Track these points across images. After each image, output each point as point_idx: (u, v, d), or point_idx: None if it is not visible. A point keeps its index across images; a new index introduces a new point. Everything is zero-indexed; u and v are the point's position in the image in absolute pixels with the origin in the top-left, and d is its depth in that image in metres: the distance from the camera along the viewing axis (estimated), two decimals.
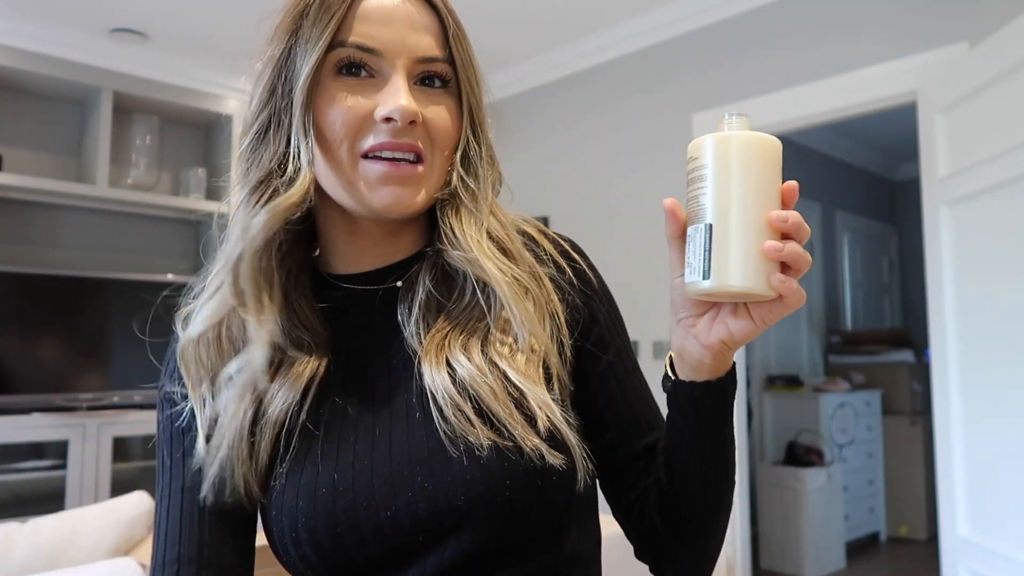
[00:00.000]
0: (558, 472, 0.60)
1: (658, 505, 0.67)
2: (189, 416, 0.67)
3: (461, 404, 0.60)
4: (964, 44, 2.47)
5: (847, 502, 4.19)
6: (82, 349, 3.41)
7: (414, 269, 0.68)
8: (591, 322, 0.70)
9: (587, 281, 0.72)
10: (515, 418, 0.60)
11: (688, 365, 0.61)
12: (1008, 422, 1.98)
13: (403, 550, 0.60)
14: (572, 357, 0.68)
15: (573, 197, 3.69)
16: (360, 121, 0.61)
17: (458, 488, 0.58)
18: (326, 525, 0.60)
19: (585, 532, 0.67)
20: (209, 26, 3.35)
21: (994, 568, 2.01)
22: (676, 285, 0.59)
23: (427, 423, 0.62)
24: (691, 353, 0.60)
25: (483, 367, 0.62)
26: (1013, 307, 1.96)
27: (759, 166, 0.54)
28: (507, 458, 0.59)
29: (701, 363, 0.60)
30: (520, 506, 0.59)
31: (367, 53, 0.62)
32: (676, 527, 0.67)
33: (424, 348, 0.64)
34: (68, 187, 3.35)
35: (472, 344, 0.63)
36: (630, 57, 3.51)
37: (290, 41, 0.63)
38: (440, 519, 0.59)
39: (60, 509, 3.15)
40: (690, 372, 0.62)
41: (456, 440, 0.60)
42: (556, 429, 0.61)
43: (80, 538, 1.57)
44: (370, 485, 0.60)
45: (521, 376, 0.62)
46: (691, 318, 0.59)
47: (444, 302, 0.66)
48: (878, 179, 5.65)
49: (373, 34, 0.61)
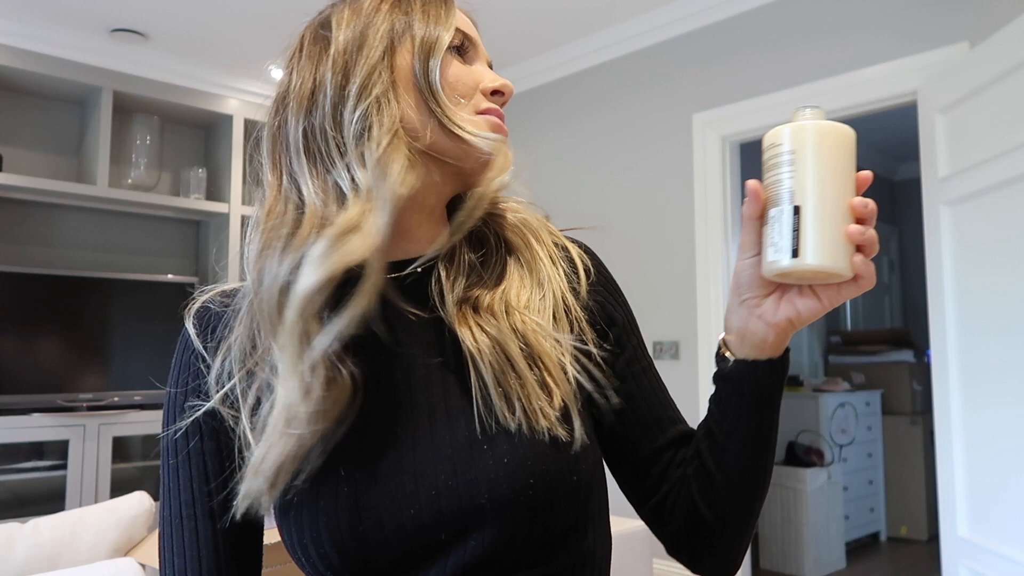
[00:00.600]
0: (579, 472, 0.62)
1: (703, 493, 0.67)
2: (223, 421, 0.65)
3: (504, 370, 0.62)
4: (964, 44, 2.47)
5: (847, 502, 4.19)
6: (82, 349, 3.41)
7: (446, 250, 0.70)
8: (609, 323, 0.72)
9: (602, 282, 0.74)
10: (536, 387, 0.62)
11: (750, 344, 0.64)
12: (1008, 422, 1.98)
13: (425, 548, 0.60)
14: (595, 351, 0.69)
15: (573, 197, 3.69)
16: (473, 91, 0.69)
17: (481, 487, 0.59)
18: (349, 523, 0.59)
19: (600, 532, 0.68)
20: (209, 26, 3.35)
21: (994, 568, 2.01)
22: (746, 265, 0.62)
23: (453, 416, 0.62)
24: (754, 332, 0.63)
25: (507, 327, 0.65)
26: (1013, 307, 1.96)
27: (840, 153, 0.58)
28: (531, 456, 0.60)
29: (764, 342, 0.63)
30: (542, 506, 0.60)
31: (470, 41, 0.71)
32: (724, 512, 0.67)
33: (461, 320, 0.65)
34: (68, 187, 3.36)
35: (496, 305, 0.67)
36: (630, 57, 3.51)
37: (394, 21, 0.67)
38: (463, 518, 0.59)
39: (60, 509, 3.15)
40: (750, 351, 0.64)
41: (484, 431, 0.61)
42: (565, 401, 0.63)
43: (80, 538, 1.57)
44: (393, 482, 0.60)
45: (538, 324, 0.65)
46: (757, 298, 0.62)
47: (474, 270, 0.69)
48: (878, 179, 5.65)
49: (469, 28, 0.72)
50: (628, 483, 0.73)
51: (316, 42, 0.68)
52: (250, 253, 0.65)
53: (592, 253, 0.76)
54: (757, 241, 0.61)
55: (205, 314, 0.70)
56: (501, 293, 0.68)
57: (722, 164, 3.16)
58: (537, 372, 0.63)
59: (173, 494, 0.67)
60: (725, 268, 3.13)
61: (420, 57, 0.66)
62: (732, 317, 0.64)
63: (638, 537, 2.25)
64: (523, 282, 0.70)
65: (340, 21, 0.68)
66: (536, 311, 0.67)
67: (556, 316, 0.68)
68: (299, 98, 0.66)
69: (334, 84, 0.65)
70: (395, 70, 0.66)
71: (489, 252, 0.71)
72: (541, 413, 0.61)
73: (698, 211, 3.20)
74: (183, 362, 0.69)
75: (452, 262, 0.69)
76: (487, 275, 0.69)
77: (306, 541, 0.61)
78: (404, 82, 0.66)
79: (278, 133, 0.67)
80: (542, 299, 0.69)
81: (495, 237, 0.72)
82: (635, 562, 2.24)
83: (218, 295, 0.71)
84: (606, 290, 0.74)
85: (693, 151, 3.24)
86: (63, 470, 3.20)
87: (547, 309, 0.68)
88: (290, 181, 0.65)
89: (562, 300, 0.69)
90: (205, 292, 0.71)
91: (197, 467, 0.66)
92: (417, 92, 0.66)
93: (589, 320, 0.70)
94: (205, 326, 0.69)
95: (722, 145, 3.16)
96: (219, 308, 0.69)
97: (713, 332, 3.13)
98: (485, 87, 0.70)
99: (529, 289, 0.69)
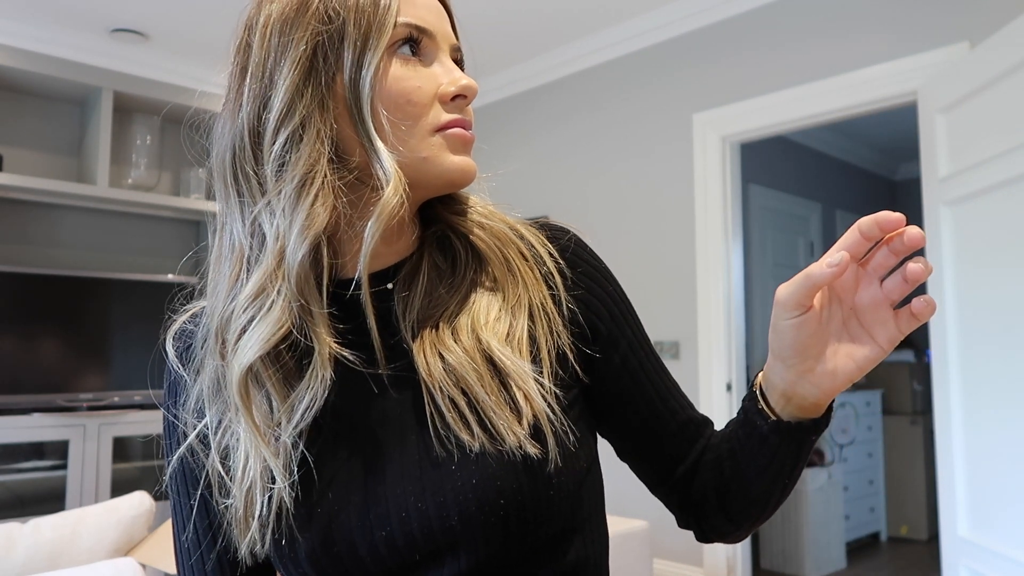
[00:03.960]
0: (557, 486, 0.59)
1: (717, 492, 0.66)
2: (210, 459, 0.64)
3: (456, 397, 0.59)
4: (964, 44, 2.47)
5: (847, 502, 4.19)
6: (82, 349, 3.41)
7: (410, 263, 0.66)
8: (594, 322, 0.67)
9: (585, 276, 0.68)
10: (501, 407, 0.59)
11: (796, 406, 0.58)
12: (1008, 422, 1.98)
13: (401, 569, 0.59)
14: (576, 353, 0.66)
15: (573, 197, 3.68)
16: (430, 99, 0.61)
17: (451, 508, 0.58)
18: (323, 545, 0.59)
19: (591, 538, 0.66)
20: (209, 26, 3.35)
21: (994, 568, 2.01)
22: (789, 326, 0.54)
23: (422, 436, 0.60)
24: (804, 396, 0.57)
25: (471, 348, 0.61)
26: (1013, 307, 1.96)
27: None
28: (500, 476, 0.58)
29: (814, 405, 0.58)
30: (516, 523, 0.58)
31: (422, 33, 0.62)
32: (735, 516, 0.66)
33: (418, 342, 0.62)
34: (68, 187, 3.35)
35: (460, 324, 0.63)
36: (630, 57, 3.51)
37: (319, 31, 0.59)
38: (435, 539, 0.58)
39: (60, 509, 3.15)
40: (795, 412, 0.59)
41: (451, 452, 0.59)
42: (537, 416, 0.59)
43: (80, 538, 1.57)
44: (364, 504, 0.59)
45: (503, 347, 0.61)
46: (808, 362, 0.55)
47: (437, 288, 0.65)
48: (878, 179, 5.65)
49: (423, 16, 0.62)
50: (640, 466, 0.71)
51: (240, 52, 0.62)
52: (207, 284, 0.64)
53: (574, 242, 0.69)
54: (809, 300, 0.53)
55: (182, 335, 0.68)
56: (467, 310, 0.64)
57: (722, 164, 3.16)
58: (504, 392, 0.60)
59: (178, 523, 0.67)
60: (725, 268, 3.13)
61: (350, 70, 0.59)
62: (775, 378, 0.58)
63: (638, 537, 2.25)
64: (493, 296, 0.65)
65: (262, 24, 0.60)
66: (506, 326, 0.63)
67: (533, 322, 0.64)
68: (225, 121, 0.61)
69: (252, 111, 0.59)
70: (326, 86, 0.59)
71: (458, 264, 0.66)
72: (509, 432, 0.58)
73: (698, 211, 3.20)
74: (168, 387, 0.68)
75: (412, 281, 0.65)
76: (452, 291, 0.65)
77: (286, 560, 0.61)
78: (338, 99, 0.59)
79: (216, 155, 0.62)
80: (513, 312, 0.64)
81: (464, 247, 0.67)
82: (635, 562, 2.24)
83: (195, 315, 0.69)
84: (591, 282, 0.68)
85: (693, 151, 3.24)
86: (63, 470, 3.20)
87: (520, 322, 0.63)
88: (226, 212, 0.62)
89: (540, 308, 0.65)
90: (185, 311, 0.70)
91: (194, 497, 0.66)
92: (348, 114, 0.59)
93: (572, 322, 0.66)
94: (183, 348, 0.67)
95: (722, 145, 3.16)
96: (195, 328, 0.67)
97: (713, 332, 3.13)
98: (443, 93, 0.62)
99: (499, 303, 0.64)
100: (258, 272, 0.59)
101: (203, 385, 0.63)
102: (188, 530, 0.66)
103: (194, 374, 0.65)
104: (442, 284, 0.65)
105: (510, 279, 0.66)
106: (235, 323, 0.59)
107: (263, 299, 0.58)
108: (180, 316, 0.69)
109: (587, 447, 0.65)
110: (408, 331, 0.63)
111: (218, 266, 0.63)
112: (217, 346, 0.61)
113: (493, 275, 0.66)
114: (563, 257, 0.68)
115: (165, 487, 0.68)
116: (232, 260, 0.61)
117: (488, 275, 0.66)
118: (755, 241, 4.38)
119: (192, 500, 0.66)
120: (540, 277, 0.66)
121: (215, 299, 0.62)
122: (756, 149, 3.95)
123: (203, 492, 0.65)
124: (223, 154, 0.61)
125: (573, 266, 0.68)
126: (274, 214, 0.58)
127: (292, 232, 0.57)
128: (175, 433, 0.66)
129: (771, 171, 4.51)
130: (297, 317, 0.58)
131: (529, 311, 0.64)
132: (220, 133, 0.62)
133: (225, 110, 0.62)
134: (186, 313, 0.69)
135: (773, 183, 4.55)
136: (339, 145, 0.60)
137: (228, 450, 0.62)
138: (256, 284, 0.58)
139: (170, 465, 0.67)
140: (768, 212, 4.51)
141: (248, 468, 0.60)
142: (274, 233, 0.58)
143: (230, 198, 0.61)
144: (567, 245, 0.69)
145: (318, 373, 0.59)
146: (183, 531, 0.66)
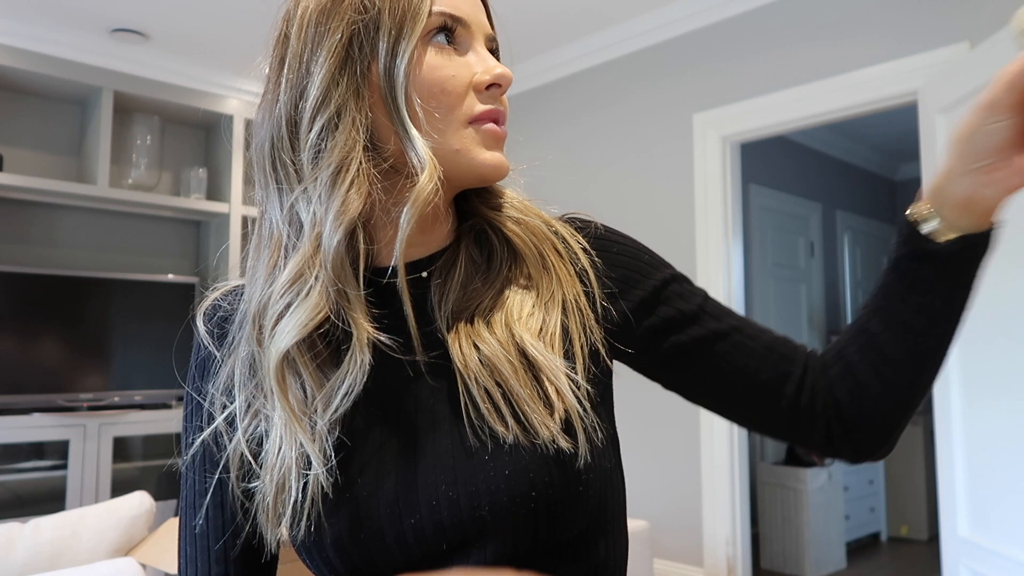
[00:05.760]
0: (587, 483, 0.59)
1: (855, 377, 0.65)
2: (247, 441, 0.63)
3: (491, 388, 0.60)
4: (964, 44, 2.47)
5: (847, 502, 4.19)
6: (82, 349, 3.41)
7: (446, 255, 0.67)
8: (654, 303, 0.67)
9: (620, 266, 0.68)
10: (535, 400, 0.59)
11: (975, 213, 0.58)
12: (1009, 422, 1.98)
13: (427, 558, 0.59)
14: (625, 332, 0.66)
15: (573, 197, 3.68)
16: (464, 88, 0.62)
17: (482, 498, 0.58)
18: (351, 531, 0.59)
19: (613, 540, 0.65)
20: (209, 26, 3.35)
21: (995, 568, 2.01)
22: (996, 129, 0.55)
23: (455, 425, 0.60)
24: (985, 199, 0.57)
25: (505, 340, 0.62)
26: (1013, 307, 1.96)
27: None
28: (533, 468, 0.58)
29: (989, 210, 0.58)
30: (545, 517, 0.58)
31: (457, 22, 0.62)
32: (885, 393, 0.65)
33: (453, 333, 0.63)
34: (68, 187, 3.35)
35: (495, 318, 0.63)
36: (630, 57, 3.51)
37: (354, 20, 0.59)
38: (464, 529, 0.58)
39: (60, 509, 3.15)
40: (971, 222, 0.59)
41: (485, 442, 0.59)
42: (569, 411, 0.60)
43: (80, 538, 1.57)
44: (394, 492, 0.59)
45: (535, 342, 0.62)
46: (998, 163, 0.56)
47: (473, 281, 0.66)
48: (878, 179, 5.65)
49: (458, 5, 0.62)
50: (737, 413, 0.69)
51: (278, 44, 0.63)
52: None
53: (602, 228, 0.70)
54: (1014, 106, 0.53)
55: (214, 313, 0.68)
56: (501, 305, 0.64)
57: (722, 164, 3.16)
58: (536, 386, 0.60)
59: (189, 508, 0.67)
60: (725, 268, 3.13)
61: (385, 58, 0.59)
62: (955, 188, 0.58)
63: (638, 537, 2.25)
64: (527, 292, 0.65)
65: (300, 15, 0.61)
66: (539, 322, 0.63)
67: (567, 317, 0.64)
68: (264, 112, 0.63)
69: (290, 100, 0.60)
70: (361, 75, 0.60)
71: (494, 258, 0.67)
72: (542, 426, 0.58)
73: (698, 211, 3.20)
74: (197, 364, 0.68)
75: (448, 272, 0.65)
76: (487, 285, 0.65)
77: (309, 544, 0.61)
78: (373, 88, 0.60)
79: (256, 145, 0.64)
80: (547, 308, 0.64)
81: (500, 242, 0.68)
82: (635, 562, 2.24)
83: (227, 292, 0.69)
84: (627, 271, 0.68)
85: (693, 151, 3.24)
86: (63, 470, 3.20)
87: (553, 318, 0.64)
88: (265, 200, 0.64)
89: (574, 303, 0.65)
90: (217, 289, 0.70)
91: (211, 481, 0.66)
92: (383, 103, 0.60)
93: (609, 298, 0.66)
94: (216, 325, 0.67)
95: (722, 145, 3.16)
96: (228, 306, 0.68)
97: None
98: (478, 82, 0.63)
99: (532, 300, 0.65)
100: (295, 258, 0.59)
101: (235, 368, 0.63)
102: (200, 514, 0.66)
103: (227, 352, 0.65)
104: (478, 277, 0.66)
105: (544, 275, 0.66)
106: (272, 309, 0.60)
107: (300, 284, 0.59)
108: (212, 293, 0.70)
109: (613, 447, 0.65)
110: (443, 321, 0.63)
111: (257, 254, 0.64)
112: (254, 332, 0.62)
113: (528, 271, 0.66)
114: (595, 246, 0.68)
115: (181, 468, 0.68)
116: (270, 247, 0.62)
117: (523, 271, 0.67)
118: (755, 241, 4.38)
119: (208, 484, 0.65)
120: (575, 273, 0.67)
121: (253, 286, 0.63)
122: (756, 149, 3.95)
123: (221, 476, 0.65)
124: (262, 144, 0.63)
125: (606, 249, 0.69)
126: (310, 201, 0.59)
127: (328, 218, 0.58)
128: (200, 413, 0.66)
129: (771, 171, 4.51)
130: (334, 302, 0.59)
131: (563, 307, 0.65)
132: (259, 123, 0.64)
133: (264, 101, 0.64)
134: (217, 291, 0.70)
135: (773, 183, 4.55)
136: (374, 133, 0.61)
137: (257, 435, 0.62)
138: (293, 270, 0.59)
139: (191, 446, 0.66)
140: (768, 212, 4.51)
141: (281, 453, 0.60)
142: (311, 220, 0.59)
143: (269, 187, 0.63)
144: (595, 232, 0.70)
145: (357, 358, 0.59)
146: (195, 515, 0.66)
